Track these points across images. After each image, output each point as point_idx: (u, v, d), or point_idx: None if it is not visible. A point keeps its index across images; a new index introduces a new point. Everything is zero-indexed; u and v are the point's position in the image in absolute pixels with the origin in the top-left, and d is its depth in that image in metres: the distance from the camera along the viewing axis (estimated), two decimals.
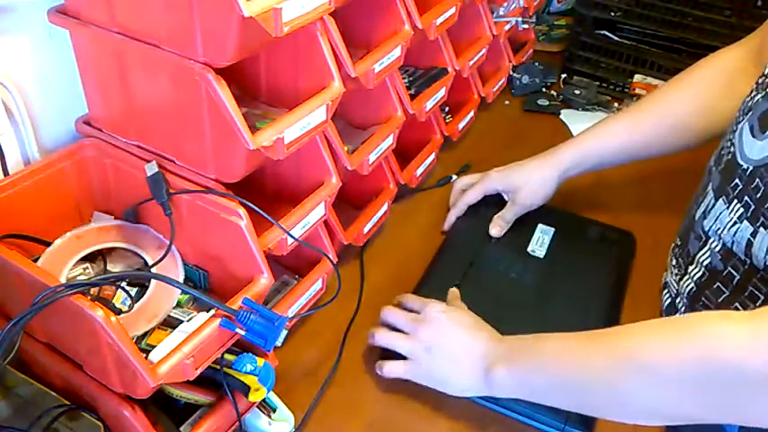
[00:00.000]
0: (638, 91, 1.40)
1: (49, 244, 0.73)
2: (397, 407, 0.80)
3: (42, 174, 0.74)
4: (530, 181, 1.00)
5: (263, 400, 0.75)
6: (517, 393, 0.73)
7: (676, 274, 0.84)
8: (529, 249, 0.98)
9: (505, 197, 1.03)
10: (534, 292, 0.92)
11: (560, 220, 1.04)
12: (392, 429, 0.78)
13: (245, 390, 0.68)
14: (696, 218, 0.80)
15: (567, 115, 1.36)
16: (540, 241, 1.00)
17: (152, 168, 0.72)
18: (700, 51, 1.33)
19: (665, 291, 0.88)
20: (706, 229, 0.78)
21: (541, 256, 0.97)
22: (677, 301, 0.83)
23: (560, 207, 1.07)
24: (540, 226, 1.02)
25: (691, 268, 0.81)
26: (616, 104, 1.39)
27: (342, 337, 0.87)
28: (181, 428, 0.69)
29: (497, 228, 1.01)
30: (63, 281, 0.67)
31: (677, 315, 0.82)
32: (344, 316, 0.89)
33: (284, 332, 0.85)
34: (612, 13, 1.39)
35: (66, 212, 0.78)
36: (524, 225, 1.02)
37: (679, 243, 0.85)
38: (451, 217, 1.05)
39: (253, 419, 0.75)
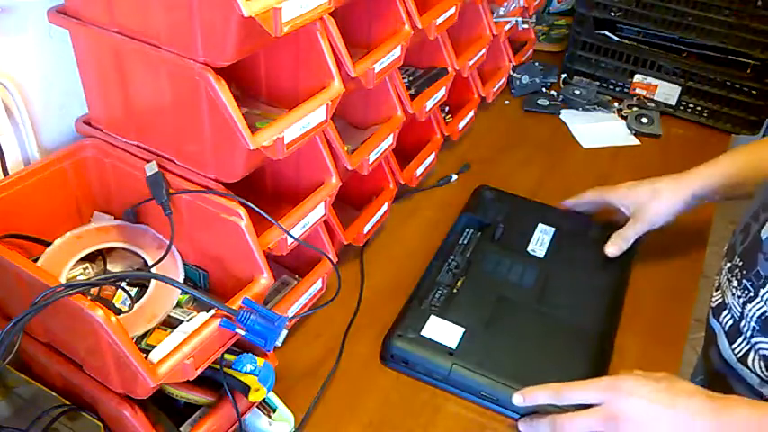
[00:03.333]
0: (638, 91, 1.40)
1: (49, 244, 0.73)
2: (397, 407, 0.80)
3: (42, 174, 0.74)
4: (657, 198, 0.95)
5: (263, 400, 0.75)
6: None
7: (740, 297, 0.79)
8: (529, 249, 0.98)
9: (626, 212, 0.99)
10: (534, 292, 0.92)
11: (560, 220, 1.04)
12: (392, 429, 0.78)
13: (245, 390, 0.68)
14: (764, 238, 0.75)
15: (566, 115, 1.36)
16: (540, 241, 1.00)
17: (152, 168, 0.72)
18: (699, 51, 1.34)
19: (725, 313, 0.82)
20: None
21: (541, 256, 0.97)
22: (741, 324, 0.79)
23: (560, 207, 1.07)
24: (540, 226, 1.02)
25: (763, 291, 0.75)
26: (616, 104, 1.39)
27: (342, 337, 0.87)
28: (181, 428, 0.69)
29: (615, 247, 0.97)
30: (63, 281, 0.67)
31: (742, 338, 0.78)
32: (344, 316, 0.90)
33: (284, 332, 0.85)
34: (612, 13, 1.39)
35: (66, 212, 0.78)
36: (524, 225, 1.02)
37: (740, 263, 0.79)
38: (566, 203, 1.04)
39: (253, 419, 0.75)
